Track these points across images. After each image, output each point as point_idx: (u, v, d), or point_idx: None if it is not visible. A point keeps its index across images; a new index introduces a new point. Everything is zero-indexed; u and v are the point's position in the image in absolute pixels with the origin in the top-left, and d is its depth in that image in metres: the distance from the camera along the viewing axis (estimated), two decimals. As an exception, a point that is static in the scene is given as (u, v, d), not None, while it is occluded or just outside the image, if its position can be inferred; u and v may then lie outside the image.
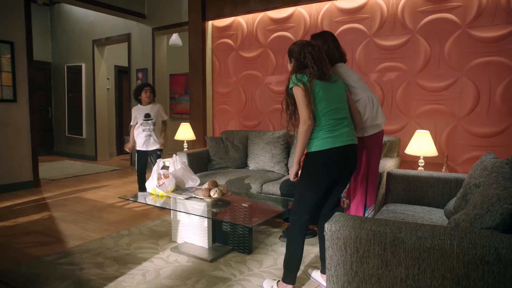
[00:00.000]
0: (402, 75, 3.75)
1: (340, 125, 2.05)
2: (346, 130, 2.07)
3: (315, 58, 2.07)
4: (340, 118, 2.06)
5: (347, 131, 2.07)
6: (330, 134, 2.01)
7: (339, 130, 2.04)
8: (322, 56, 2.11)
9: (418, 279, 1.29)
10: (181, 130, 4.77)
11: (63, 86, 7.93)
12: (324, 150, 2.00)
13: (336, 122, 2.04)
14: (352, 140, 2.09)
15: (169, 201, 2.89)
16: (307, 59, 2.06)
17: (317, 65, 2.06)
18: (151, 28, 6.31)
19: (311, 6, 4.23)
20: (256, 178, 3.51)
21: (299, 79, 2.01)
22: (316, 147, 2.02)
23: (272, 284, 2.20)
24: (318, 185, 2.06)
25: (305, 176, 2.09)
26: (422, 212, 2.32)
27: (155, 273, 2.43)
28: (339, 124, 2.05)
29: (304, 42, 2.15)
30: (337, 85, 2.13)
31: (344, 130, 2.06)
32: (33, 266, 2.53)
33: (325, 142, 2.00)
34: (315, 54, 2.08)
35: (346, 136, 2.06)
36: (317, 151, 2.02)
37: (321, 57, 2.10)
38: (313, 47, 2.10)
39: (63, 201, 4.35)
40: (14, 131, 4.87)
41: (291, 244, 2.12)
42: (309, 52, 2.08)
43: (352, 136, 2.10)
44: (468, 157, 3.47)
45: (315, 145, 2.03)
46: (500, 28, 3.28)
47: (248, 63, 4.78)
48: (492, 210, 1.37)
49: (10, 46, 4.78)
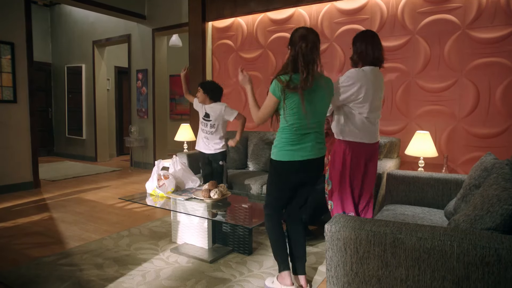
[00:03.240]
0: (402, 76, 3.75)
1: (304, 139, 2.04)
2: (310, 144, 2.05)
3: (305, 58, 1.98)
4: (306, 133, 2.04)
5: (310, 146, 2.05)
6: (291, 147, 2.04)
7: (302, 144, 2.04)
8: (313, 57, 2.00)
9: (418, 280, 1.28)
10: (181, 131, 4.77)
11: (63, 87, 7.93)
12: (282, 161, 2.07)
13: (300, 136, 2.04)
14: (314, 154, 2.07)
15: (169, 202, 2.89)
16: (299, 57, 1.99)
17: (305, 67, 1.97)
18: (151, 29, 6.32)
19: (311, 7, 4.24)
20: (256, 179, 3.50)
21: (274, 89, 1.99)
22: (276, 156, 2.09)
23: (273, 280, 2.24)
24: (278, 188, 2.16)
25: (269, 178, 2.21)
26: (422, 213, 2.32)
27: (155, 274, 2.43)
28: (304, 138, 2.05)
29: (304, 32, 2.04)
30: (317, 96, 2.04)
31: (308, 145, 2.05)
32: (33, 267, 2.53)
33: (285, 154, 2.06)
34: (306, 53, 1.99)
35: (309, 151, 2.05)
36: (277, 160, 2.09)
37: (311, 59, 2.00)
38: (307, 44, 1.99)
39: (63, 202, 4.35)
40: (14, 132, 4.87)
41: (269, 236, 2.24)
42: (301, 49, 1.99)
43: (315, 151, 2.07)
44: (468, 158, 3.47)
45: (276, 154, 2.09)
46: (499, 29, 3.28)
47: (248, 64, 4.78)
48: (492, 211, 1.37)
49: (10, 47, 4.78)
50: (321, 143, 2.13)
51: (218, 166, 3.43)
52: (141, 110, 6.69)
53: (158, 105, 6.50)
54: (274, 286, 2.20)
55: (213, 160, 3.45)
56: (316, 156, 2.09)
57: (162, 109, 6.65)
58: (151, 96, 6.48)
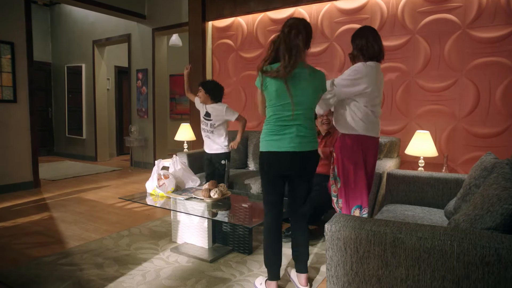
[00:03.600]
0: (402, 75, 3.75)
1: (284, 131, 2.01)
2: (289, 136, 2.00)
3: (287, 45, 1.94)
4: (286, 125, 2.01)
5: (289, 138, 2.00)
6: (270, 138, 2.05)
7: (281, 135, 2.02)
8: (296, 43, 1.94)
9: (418, 280, 1.28)
10: (181, 131, 4.77)
11: (63, 86, 7.93)
12: (263, 152, 2.08)
13: (280, 128, 2.02)
14: (293, 147, 2.01)
15: (169, 202, 2.89)
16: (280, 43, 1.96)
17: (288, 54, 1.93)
18: (151, 28, 6.32)
19: (311, 6, 4.23)
20: (256, 179, 3.50)
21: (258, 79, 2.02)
22: (261, 147, 2.11)
23: (261, 281, 2.23)
24: (266, 181, 2.14)
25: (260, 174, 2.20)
26: (422, 212, 2.32)
27: (155, 274, 2.43)
28: (284, 129, 2.01)
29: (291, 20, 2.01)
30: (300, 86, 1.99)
31: (287, 136, 2.00)
32: (33, 266, 2.53)
33: (266, 144, 2.07)
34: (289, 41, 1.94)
35: (287, 143, 2.00)
36: (261, 151, 2.11)
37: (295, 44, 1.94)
38: (290, 29, 1.96)
39: (63, 202, 4.35)
40: (14, 131, 4.87)
41: (265, 240, 2.17)
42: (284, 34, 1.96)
43: (295, 143, 2.01)
44: (468, 157, 3.47)
45: (261, 145, 2.11)
46: (500, 29, 3.28)
47: (248, 63, 4.78)
48: (492, 210, 1.37)
49: (10, 46, 4.78)
50: (304, 136, 2.03)
51: (220, 166, 3.41)
52: (141, 110, 6.69)
53: (158, 104, 6.50)
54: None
55: (214, 160, 3.44)
56: (297, 150, 2.02)
57: (162, 108, 6.65)
58: (151, 95, 6.48)
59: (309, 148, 2.07)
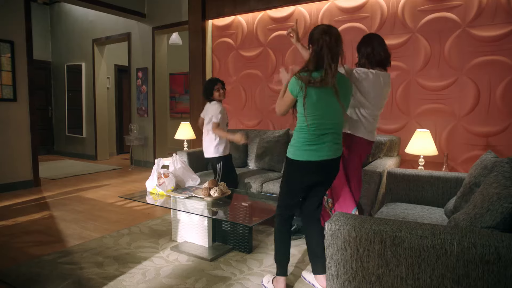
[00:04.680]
0: (402, 74, 3.74)
1: (323, 139, 2.00)
2: (327, 145, 2.01)
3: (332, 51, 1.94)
4: (324, 133, 2.00)
5: (327, 146, 2.01)
6: (308, 148, 2.00)
7: (320, 144, 2.00)
8: (338, 50, 1.97)
9: (418, 278, 1.29)
10: (181, 130, 4.77)
11: (63, 85, 7.93)
12: (299, 161, 2.03)
13: (318, 137, 2.00)
14: (331, 155, 2.03)
15: (169, 200, 2.89)
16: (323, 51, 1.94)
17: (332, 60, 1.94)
18: (151, 27, 6.31)
19: (311, 5, 4.23)
20: (256, 177, 3.50)
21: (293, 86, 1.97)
22: (293, 155, 2.05)
23: (269, 279, 2.24)
24: (294, 188, 2.13)
25: (284, 176, 2.16)
26: (422, 211, 2.32)
27: (155, 272, 2.43)
28: (322, 138, 2.00)
29: (325, 27, 2.01)
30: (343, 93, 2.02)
31: (325, 145, 2.00)
32: (33, 265, 2.53)
33: (303, 153, 2.02)
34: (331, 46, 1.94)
35: (326, 151, 2.01)
36: (293, 159, 2.05)
37: (336, 52, 1.96)
38: (331, 37, 1.95)
39: (63, 201, 4.35)
40: (14, 130, 4.87)
41: (275, 237, 2.20)
42: (325, 42, 1.94)
43: (332, 151, 2.03)
44: (468, 156, 3.47)
45: (293, 153, 2.05)
46: (500, 27, 3.27)
47: (248, 62, 4.78)
48: (492, 209, 1.37)
49: (10, 45, 4.77)
50: (338, 143, 2.08)
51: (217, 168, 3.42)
52: (141, 109, 6.69)
53: (158, 103, 6.50)
54: (268, 286, 2.21)
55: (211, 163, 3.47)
56: (333, 157, 2.05)
57: (162, 107, 6.65)
58: (151, 94, 6.48)
59: (340, 154, 2.12)
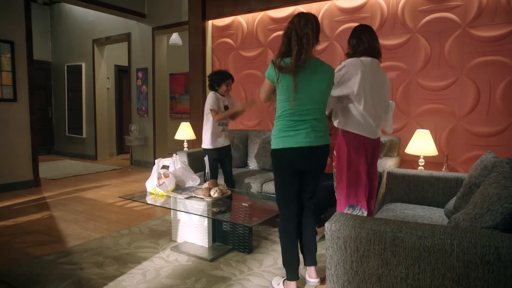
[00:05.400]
0: (402, 74, 3.75)
1: (299, 126, 1.99)
2: (305, 131, 1.99)
3: (299, 35, 1.93)
4: (301, 120, 1.99)
5: (305, 132, 1.99)
6: (285, 134, 2.01)
7: (297, 131, 1.99)
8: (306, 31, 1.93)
9: (418, 279, 1.29)
10: (181, 130, 4.77)
11: (63, 85, 7.93)
12: (277, 149, 2.04)
13: (295, 123, 1.99)
14: (310, 142, 2.00)
15: (169, 201, 2.89)
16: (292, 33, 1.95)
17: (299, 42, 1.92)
18: (151, 27, 6.31)
19: (311, 5, 4.23)
20: (256, 178, 3.50)
21: (269, 72, 2.02)
22: (273, 144, 2.08)
23: (279, 282, 2.21)
24: (280, 179, 2.11)
25: (273, 172, 2.17)
26: (422, 211, 2.32)
27: (155, 273, 2.43)
28: (299, 125, 1.99)
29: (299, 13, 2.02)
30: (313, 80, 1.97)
31: (303, 131, 1.99)
32: (33, 265, 2.53)
33: (280, 141, 2.03)
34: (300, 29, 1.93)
35: (303, 137, 1.99)
36: (274, 148, 2.07)
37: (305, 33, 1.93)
38: (300, 19, 1.95)
39: (63, 201, 4.35)
40: (14, 130, 4.87)
41: (280, 239, 2.17)
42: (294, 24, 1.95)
43: (311, 138, 2.00)
44: (468, 156, 3.47)
45: (272, 142, 2.08)
46: (500, 28, 3.27)
47: (248, 62, 4.78)
48: (492, 209, 1.37)
49: (10, 45, 4.77)
50: (319, 131, 2.04)
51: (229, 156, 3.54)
52: (141, 109, 6.69)
53: (158, 103, 6.50)
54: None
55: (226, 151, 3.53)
56: (313, 144, 2.01)
57: (162, 107, 6.65)
58: (151, 94, 6.48)
59: (324, 142, 2.08)
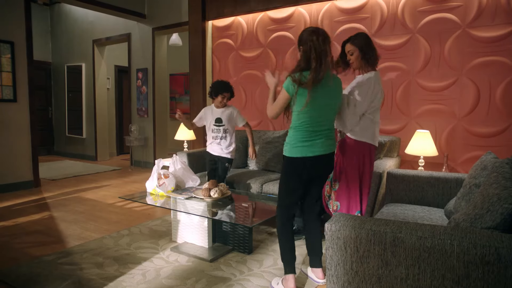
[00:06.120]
0: (402, 75, 3.75)
1: (316, 136, 2.09)
2: (321, 141, 2.11)
3: (317, 50, 2.02)
4: (318, 130, 2.09)
5: (321, 142, 2.10)
6: (302, 144, 2.09)
7: (314, 140, 2.09)
8: (325, 48, 2.03)
9: (418, 279, 1.29)
10: (181, 130, 4.77)
11: (63, 86, 7.93)
12: (293, 158, 2.12)
13: (311, 133, 2.09)
14: (324, 150, 2.12)
15: (169, 201, 2.89)
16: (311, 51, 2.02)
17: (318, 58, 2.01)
18: (151, 28, 6.31)
19: (311, 6, 4.23)
20: (256, 178, 3.50)
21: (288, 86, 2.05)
22: (288, 152, 2.14)
23: (278, 281, 2.25)
24: (292, 185, 2.19)
25: (282, 175, 2.23)
26: (422, 212, 2.32)
27: (155, 273, 2.43)
28: (316, 135, 2.09)
29: (313, 29, 2.10)
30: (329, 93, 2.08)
31: (319, 141, 2.10)
32: (33, 266, 2.53)
33: (297, 150, 2.10)
34: (318, 45, 2.02)
35: (319, 147, 2.10)
36: (288, 156, 2.14)
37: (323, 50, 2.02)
38: (318, 36, 2.03)
39: (63, 201, 4.35)
40: (14, 131, 4.87)
41: (279, 237, 2.24)
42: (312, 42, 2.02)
43: (325, 147, 2.12)
44: (468, 157, 3.47)
45: (288, 150, 2.14)
46: (500, 28, 3.28)
47: (248, 63, 4.78)
48: (492, 210, 1.37)
49: (10, 46, 4.77)
50: (331, 139, 2.17)
51: (223, 168, 3.42)
52: (141, 109, 6.69)
53: (158, 104, 6.50)
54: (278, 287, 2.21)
55: (220, 161, 3.43)
56: (327, 152, 2.14)
57: (162, 108, 6.65)
58: (151, 95, 6.48)
59: (334, 149, 2.22)
